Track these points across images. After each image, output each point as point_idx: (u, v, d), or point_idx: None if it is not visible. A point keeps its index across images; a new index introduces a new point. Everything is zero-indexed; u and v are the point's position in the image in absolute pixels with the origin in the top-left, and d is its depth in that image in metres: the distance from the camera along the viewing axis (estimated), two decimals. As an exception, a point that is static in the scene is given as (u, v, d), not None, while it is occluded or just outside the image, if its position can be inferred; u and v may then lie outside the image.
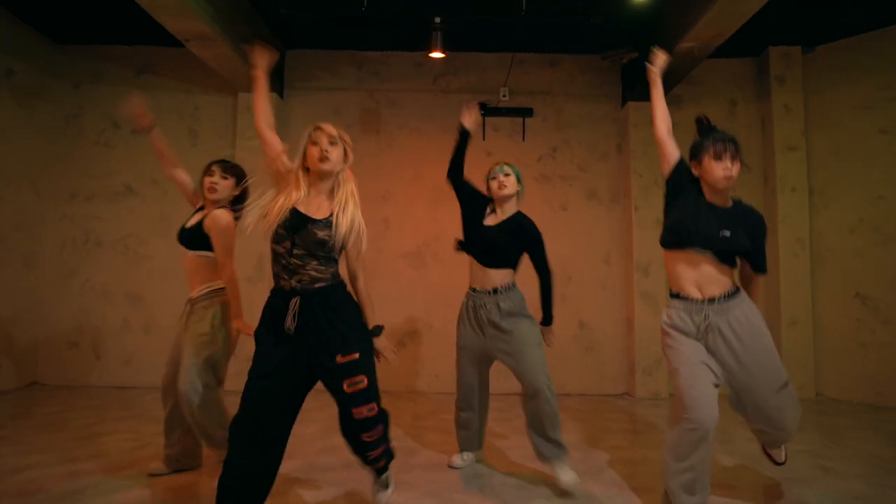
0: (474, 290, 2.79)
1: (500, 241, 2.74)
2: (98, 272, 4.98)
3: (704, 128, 2.31)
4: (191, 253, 2.71)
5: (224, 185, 2.74)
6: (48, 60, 4.98)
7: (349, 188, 2.13)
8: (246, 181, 2.79)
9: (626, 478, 2.77)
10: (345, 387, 1.97)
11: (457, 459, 2.91)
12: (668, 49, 4.07)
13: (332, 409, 2.09)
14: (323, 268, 2.03)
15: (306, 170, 2.09)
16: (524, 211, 2.88)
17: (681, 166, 2.31)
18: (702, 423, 2.04)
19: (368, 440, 2.04)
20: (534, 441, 2.67)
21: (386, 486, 2.24)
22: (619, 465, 2.98)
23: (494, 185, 2.82)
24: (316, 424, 3.62)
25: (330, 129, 2.12)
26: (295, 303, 1.98)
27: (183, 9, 3.48)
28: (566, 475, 2.53)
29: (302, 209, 2.03)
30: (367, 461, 2.14)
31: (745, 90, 5.15)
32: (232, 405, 2.24)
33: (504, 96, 5.04)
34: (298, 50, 5.14)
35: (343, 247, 2.08)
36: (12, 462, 2.82)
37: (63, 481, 2.58)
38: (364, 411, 1.99)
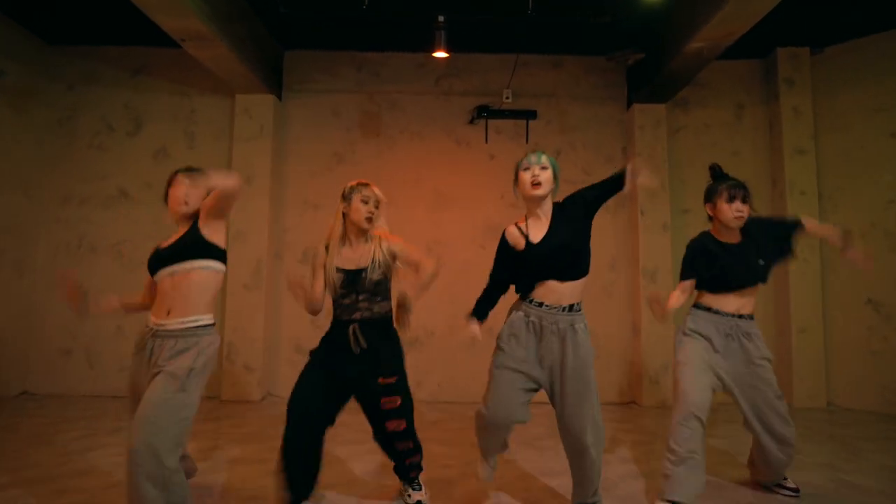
0: (541, 304, 2.21)
1: (565, 242, 2.20)
2: (92, 278, 4.83)
3: (717, 174, 2.73)
4: (181, 268, 2.11)
5: (195, 196, 2.25)
6: (41, 61, 4.87)
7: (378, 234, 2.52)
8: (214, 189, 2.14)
9: (641, 492, 2.65)
10: (382, 404, 2.34)
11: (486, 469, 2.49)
12: (676, 48, 4.01)
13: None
14: (381, 302, 2.43)
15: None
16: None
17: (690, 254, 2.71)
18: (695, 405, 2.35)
19: (402, 448, 2.44)
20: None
21: (420, 487, 2.51)
22: (632, 479, 2.87)
23: (527, 177, 2.23)
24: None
25: (378, 191, 2.54)
26: (354, 329, 2.35)
27: (178, 7, 3.37)
28: None
29: (351, 266, 2.41)
30: (402, 465, 2.49)
31: (753, 92, 5.06)
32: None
33: (507, 98, 4.93)
34: (297, 51, 5.04)
35: (390, 276, 2.47)
36: (-4, 479, 2.70)
37: (46, 502, 2.45)
38: (394, 425, 2.37)
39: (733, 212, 2.51)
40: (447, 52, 4.00)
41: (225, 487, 2.70)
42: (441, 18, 3.72)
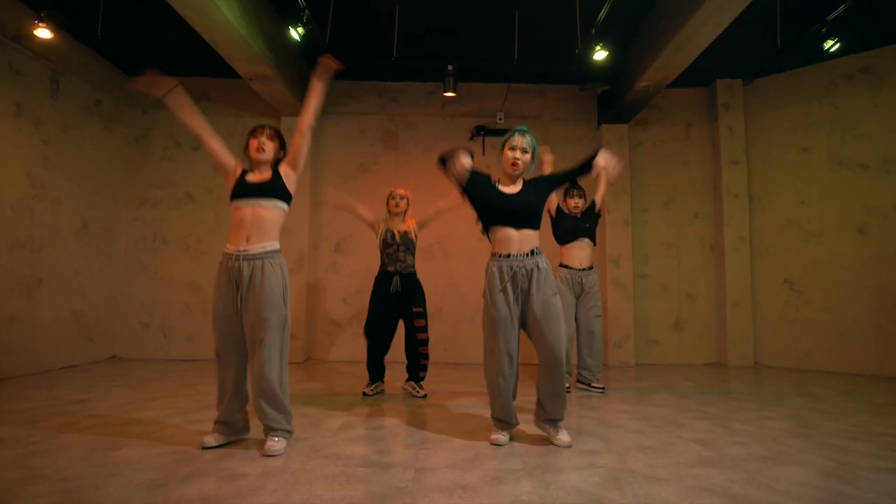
0: (509, 255, 2.66)
1: (528, 202, 2.69)
2: (164, 265, 5.99)
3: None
4: (264, 202, 2.59)
5: (271, 147, 2.72)
6: (123, 91, 6.01)
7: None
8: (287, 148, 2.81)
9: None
10: (414, 323, 4.00)
11: (501, 437, 2.73)
12: (629, 85, 5.20)
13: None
14: (411, 258, 4.02)
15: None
16: None
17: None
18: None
19: (423, 352, 4.03)
20: (546, 405, 2.71)
21: (423, 387, 4.05)
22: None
23: (509, 157, 2.74)
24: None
25: (402, 193, 4.16)
26: (396, 279, 3.97)
27: (254, 57, 4.53)
28: (566, 436, 2.70)
29: (398, 232, 4.03)
30: (417, 365, 4.06)
31: (699, 114, 6.26)
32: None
33: (500, 119, 6.11)
34: (330, 81, 6.18)
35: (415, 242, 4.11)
36: (140, 405, 3.83)
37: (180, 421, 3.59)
38: (421, 336, 4.03)
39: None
40: (455, 93, 5.19)
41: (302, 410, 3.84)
42: (451, 67, 4.90)
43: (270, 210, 2.60)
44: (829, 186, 5.54)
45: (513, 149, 2.75)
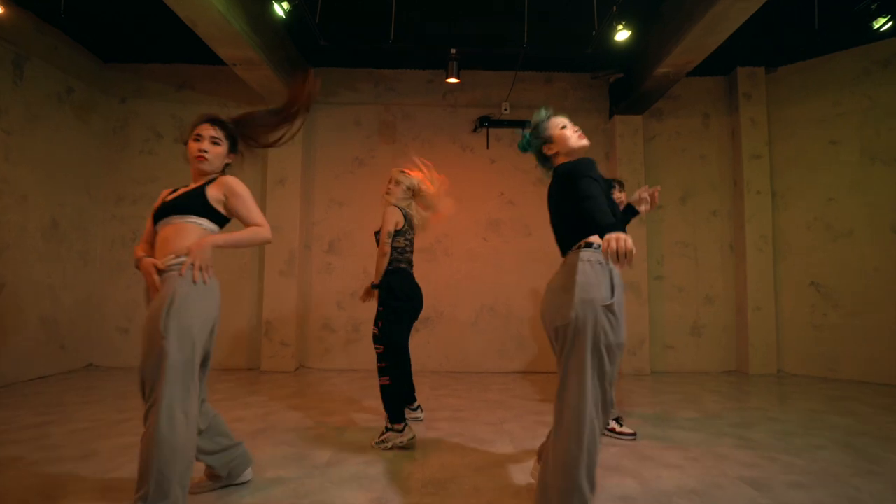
0: (598, 246, 1.89)
1: None
2: (144, 267, 5.56)
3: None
4: (178, 220, 2.04)
5: (215, 154, 2.14)
6: (98, 78, 5.56)
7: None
8: (238, 148, 2.25)
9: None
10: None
11: None
12: (647, 72, 4.78)
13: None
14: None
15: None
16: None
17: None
18: None
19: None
20: None
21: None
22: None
23: (573, 132, 2.20)
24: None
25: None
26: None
27: (237, 40, 4.09)
28: None
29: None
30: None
31: (717, 104, 5.85)
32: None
33: (506, 110, 5.69)
34: (323, 68, 5.76)
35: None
36: (113, 416, 3.43)
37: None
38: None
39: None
40: (458, 79, 4.74)
41: (294, 427, 3.45)
42: (454, 51, 4.47)
43: (184, 227, 2.05)
44: (860, 182, 5.14)
45: (565, 127, 2.20)
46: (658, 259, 5.71)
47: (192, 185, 2.14)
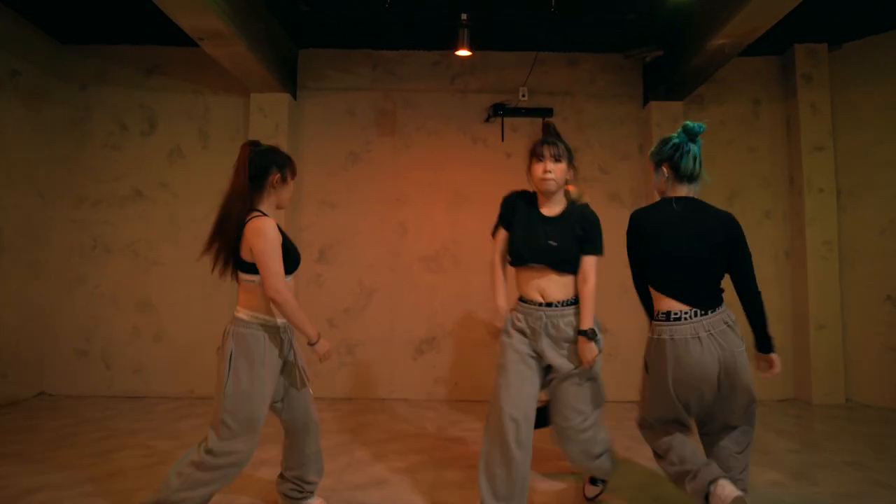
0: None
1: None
2: (107, 279, 4.83)
3: (547, 132, 2.38)
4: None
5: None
6: (54, 61, 4.83)
7: None
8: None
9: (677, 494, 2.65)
10: None
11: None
12: (698, 45, 3.99)
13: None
14: None
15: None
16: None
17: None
18: (511, 415, 2.18)
19: None
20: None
21: None
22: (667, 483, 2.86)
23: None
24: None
25: None
26: None
27: (198, 4, 3.33)
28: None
29: None
30: None
31: (770, 89, 5.04)
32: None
33: (523, 96, 4.91)
34: (311, 49, 5.00)
35: None
36: (25, 482, 2.68)
37: (82, 504, 2.44)
38: None
39: (540, 170, 2.28)
40: (470, 50, 3.95)
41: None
42: (465, 16, 3.68)
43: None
44: (948, 178, 4.32)
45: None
46: (702, 268, 4.90)
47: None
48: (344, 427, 3.84)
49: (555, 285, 2.28)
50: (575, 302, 2.28)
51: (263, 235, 2.00)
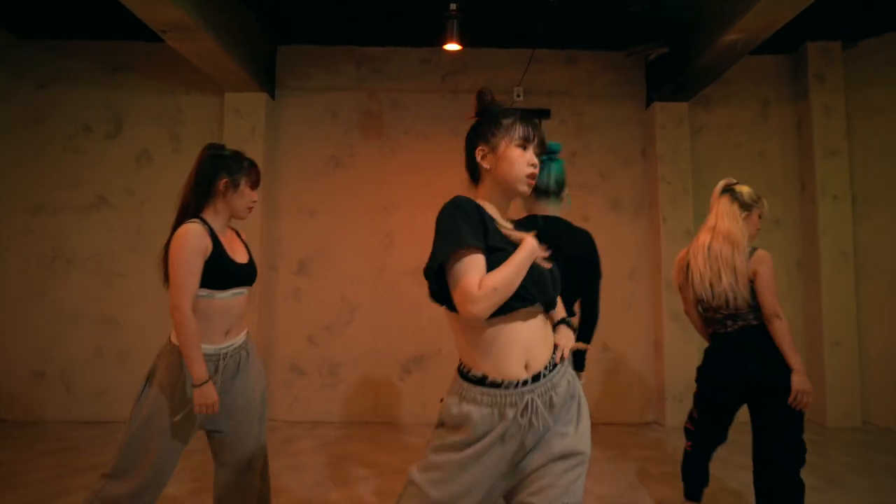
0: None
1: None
2: (67, 294, 4.45)
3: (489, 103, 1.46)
4: (247, 289, 2.00)
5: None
6: (8, 57, 4.46)
7: None
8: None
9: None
10: None
11: None
12: (708, 41, 3.67)
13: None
14: None
15: None
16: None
17: None
18: None
19: None
20: None
21: None
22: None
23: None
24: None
25: None
26: None
27: (158, -7, 2.98)
28: None
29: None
30: None
31: (780, 89, 4.74)
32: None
33: (518, 96, 4.58)
34: (291, 45, 4.65)
35: None
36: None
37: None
38: None
39: (529, 166, 1.38)
40: (459, 44, 3.61)
41: None
42: (454, 7, 3.34)
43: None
44: (973, 184, 4.04)
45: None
46: (709, 281, 4.58)
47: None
48: (321, 459, 3.49)
49: (545, 339, 1.36)
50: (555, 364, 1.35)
51: (177, 242, 1.79)
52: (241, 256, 1.97)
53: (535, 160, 1.39)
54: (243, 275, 1.91)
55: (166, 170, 4.55)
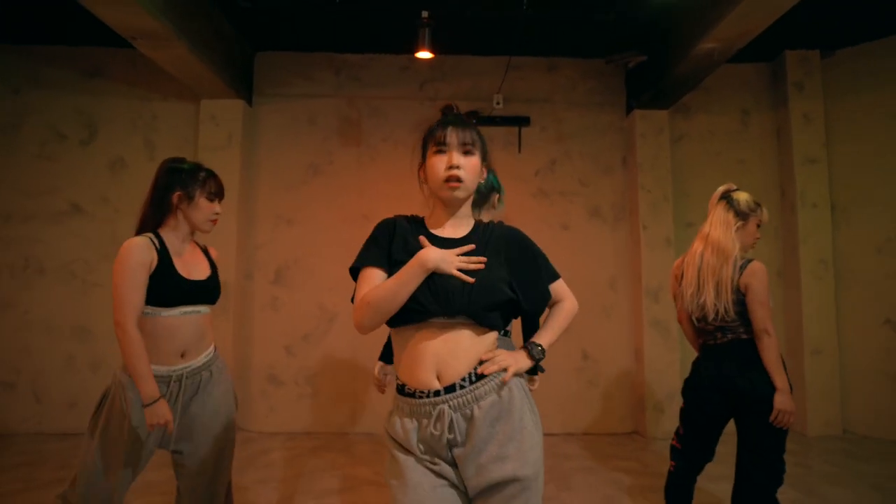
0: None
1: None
2: (39, 303, 4.36)
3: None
4: (207, 308, 1.94)
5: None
6: (-20, 62, 4.38)
7: None
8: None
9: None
10: None
11: None
12: (685, 50, 3.67)
13: None
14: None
15: None
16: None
17: None
18: None
19: None
20: None
21: None
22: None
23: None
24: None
25: None
26: None
27: None
28: None
29: None
30: None
31: (759, 98, 4.75)
32: None
33: (498, 104, 4.56)
34: (268, 52, 4.61)
35: None
36: None
37: None
38: None
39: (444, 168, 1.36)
40: (432, 52, 3.58)
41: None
42: (425, 14, 3.31)
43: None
44: (949, 193, 4.05)
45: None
46: (689, 289, 4.57)
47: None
48: (294, 471, 3.42)
49: (465, 351, 1.29)
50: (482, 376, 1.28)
51: (120, 257, 1.74)
52: (198, 273, 1.91)
53: (459, 161, 1.32)
54: (196, 292, 1.85)
55: (141, 177, 4.45)
